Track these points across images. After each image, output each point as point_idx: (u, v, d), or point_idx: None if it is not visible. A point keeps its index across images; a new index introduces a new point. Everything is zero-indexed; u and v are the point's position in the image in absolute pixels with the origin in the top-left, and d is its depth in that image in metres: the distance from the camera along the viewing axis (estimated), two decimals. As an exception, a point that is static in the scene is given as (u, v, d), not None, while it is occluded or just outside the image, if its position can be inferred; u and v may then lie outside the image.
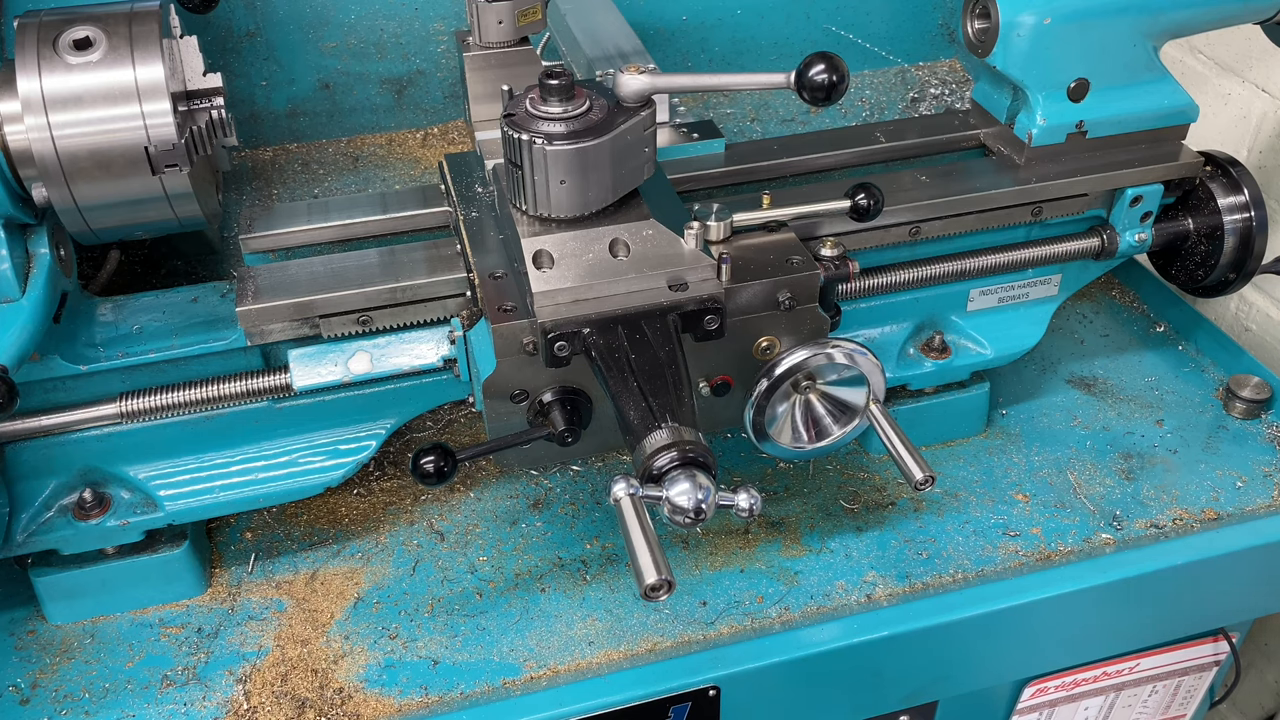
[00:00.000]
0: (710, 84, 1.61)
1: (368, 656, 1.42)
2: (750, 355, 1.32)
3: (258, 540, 1.58)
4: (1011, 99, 1.59)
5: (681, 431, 1.10)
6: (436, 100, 2.14)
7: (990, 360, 1.64)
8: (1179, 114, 1.58)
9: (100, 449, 1.41)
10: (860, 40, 2.24)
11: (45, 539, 1.41)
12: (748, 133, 2.03)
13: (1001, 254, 1.58)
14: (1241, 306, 2.28)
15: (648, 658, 1.41)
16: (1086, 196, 1.57)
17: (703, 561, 1.53)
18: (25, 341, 1.24)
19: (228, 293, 1.44)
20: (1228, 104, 2.20)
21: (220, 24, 1.97)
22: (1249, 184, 1.61)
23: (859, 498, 1.62)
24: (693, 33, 2.18)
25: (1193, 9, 1.52)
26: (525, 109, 1.21)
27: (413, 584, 1.52)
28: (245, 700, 1.37)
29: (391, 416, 1.50)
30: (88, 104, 1.22)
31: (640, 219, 1.25)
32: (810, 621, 1.45)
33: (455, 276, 1.38)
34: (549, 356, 1.20)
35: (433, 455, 1.21)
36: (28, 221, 1.29)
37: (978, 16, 1.52)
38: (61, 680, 1.41)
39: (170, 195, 1.29)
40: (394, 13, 2.04)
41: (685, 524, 1.07)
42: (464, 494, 1.65)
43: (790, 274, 1.29)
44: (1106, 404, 1.78)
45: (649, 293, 1.23)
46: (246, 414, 1.43)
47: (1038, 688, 1.62)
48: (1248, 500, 1.61)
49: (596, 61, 1.69)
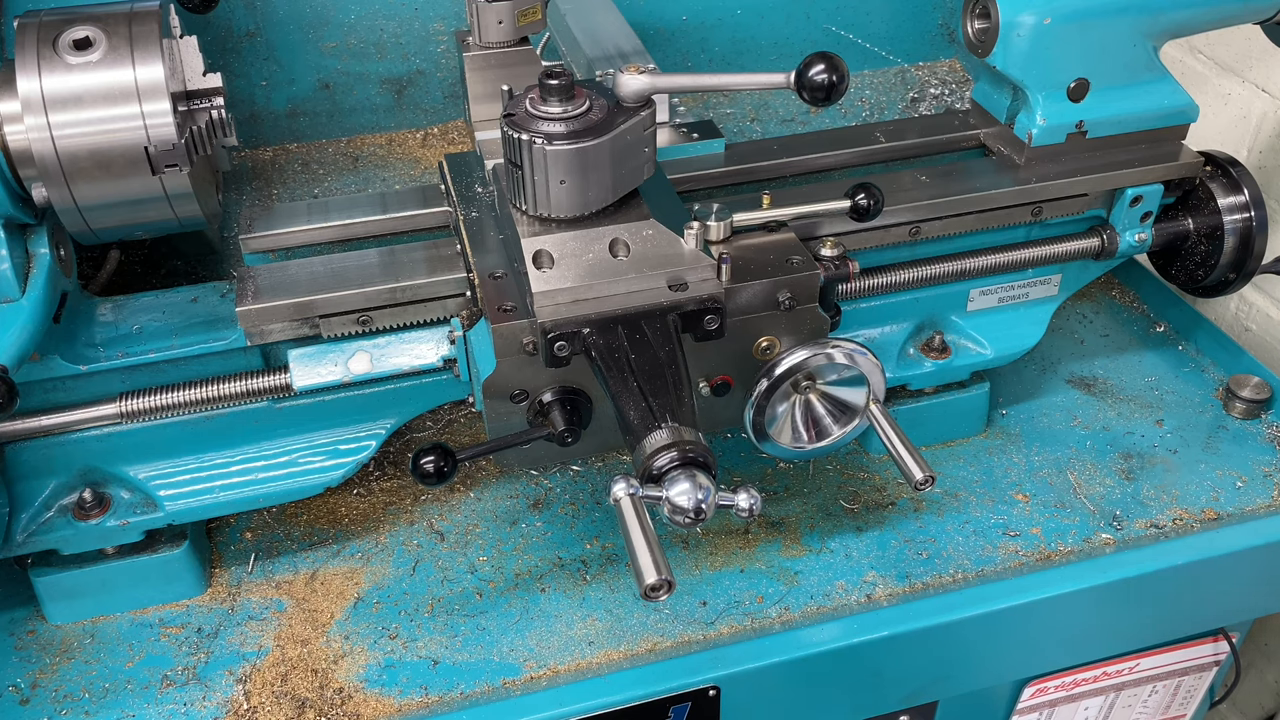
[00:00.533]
0: (710, 84, 1.61)
1: (368, 656, 1.42)
2: (750, 355, 1.32)
3: (258, 540, 1.58)
4: (1011, 99, 1.59)
5: (681, 431, 1.10)
6: (436, 100, 2.14)
7: (990, 360, 1.64)
8: (1179, 114, 1.58)
9: (100, 449, 1.41)
10: (860, 40, 2.24)
11: (45, 539, 1.41)
12: (748, 133, 2.03)
13: (1001, 254, 1.58)
14: (1241, 306, 2.28)
15: (648, 658, 1.41)
16: (1086, 196, 1.57)
17: (703, 561, 1.53)
18: (25, 341, 1.24)
19: (228, 293, 1.44)
20: (1228, 104, 2.20)
21: (220, 24, 1.97)
22: (1249, 184, 1.61)
23: (859, 498, 1.62)
24: (693, 33, 2.18)
25: (1193, 9, 1.52)
26: (525, 109, 1.21)
27: (413, 584, 1.52)
28: (245, 700, 1.37)
29: (391, 416, 1.50)
30: (88, 104, 1.22)
31: (640, 219, 1.25)
32: (810, 621, 1.45)
33: (455, 276, 1.38)
34: (549, 356, 1.20)
35: (433, 455, 1.21)
36: (28, 221, 1.29)
37: (978, 16, 1.52)
38: (61, 680, 1.41)
39: (170, 195, 1.29)
40: (394, 13, 2.04)
41: (685, 524, 1.07)
42: (464, 494, 1.65)
43: (790, 274, 1.29)
44: (1106, 404, 1.78)
45: (649, 293, 1.23)
46: (246, 414, 1.43)
47: (1038, 688, 1.62)
48: (1248, 500, 1.61)
49: (596, 61, 1.69)
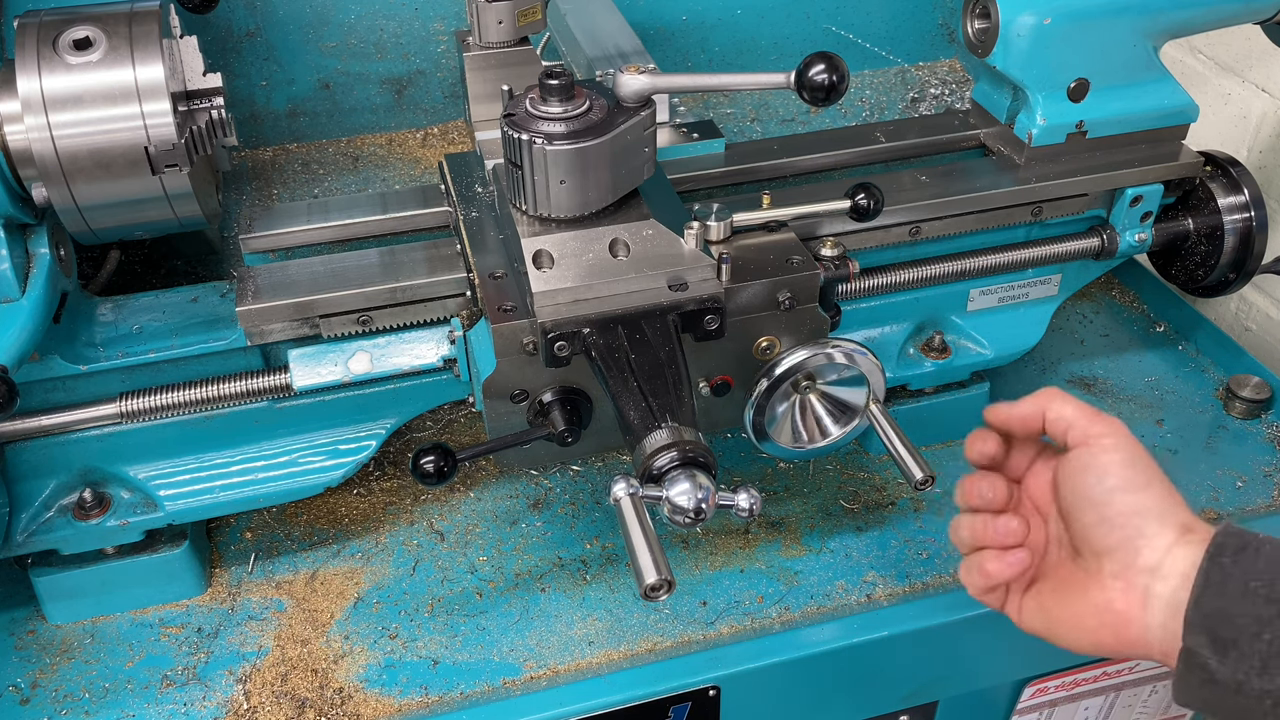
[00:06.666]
0: (710, 84, 1.61)
1: (368, 656, 1.43)
2: (750, 355, 1.32)
3: (258, 540, 1.58)
4: (1011, 99, 1.59)
5: (681, 431, 1.10)
6: (436, 100, 2.14)
7: (990, 360, 1.64)
8: (1179, 114, 1.58)
9: (100, 449, 1.41)
10: (860, 40, 2.24)
11: (45, 539, 1.41)
12: (748, 133, 2.03)
13: (1001, 254, 1.58)
14: (1241, 306, 2.28)
15: (648, 658, 1.41)
16: (1086, 196, 1.57)
17: (703, 561, 1.53)
18: (25, 341, 1.24)
19: (228, 293, 1.44)
20: (1228, 104, 2.20)
21: (220, 24, 1.97)
22: (1249, 184, 1.61)
23: (859, 498, 1.62)
24: (693, 33, 2.18)
25: (1193, 9, 1.52)
26: (525, 109, 1.21)
27: (413, 584, 1.52)
28: (245, 700, 1.37)
29: (391, 416, 1.50)
30: (88, 104, 1.21)
31: (640, 219, 1.25)
32: (810, 621, 1.45)
33: (455, 276, 1.38)
34: (549, 356, 1.20)
35: (433, 455, 1.21)
36: (28, 221, 1.29)
37: (978, 16, 1.52)
38: (61, 680, 1.41)
39: (170, 195, 1.29)
40: (394, 13, 2.04)
41: (685, 524, 1.07)
42: (464, 494, 1.65)
43: (790, 274, 1.29)
44: (1106, 404, 1.78)
45: (649, 293, 1.23)
46: (246, 414, 1.43)
47: (1038, 688, 1.62)
48: (1248, 500, 1.61)
49: (596, 61, 1.69)
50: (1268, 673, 0.92)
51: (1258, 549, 0.97)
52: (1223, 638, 0.94)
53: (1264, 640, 0.92)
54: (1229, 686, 0.94)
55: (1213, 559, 0.98)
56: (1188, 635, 0.97)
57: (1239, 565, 0.96)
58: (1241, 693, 0.93)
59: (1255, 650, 0.93)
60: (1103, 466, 1.05)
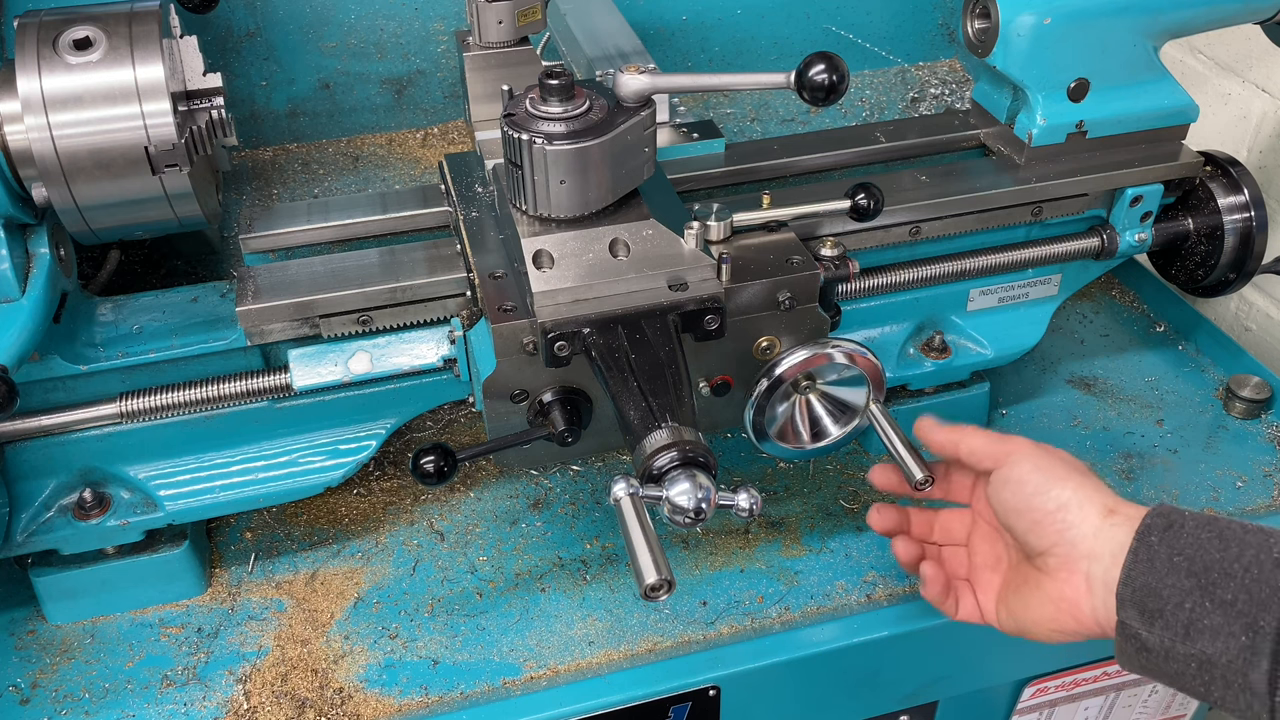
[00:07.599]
0: (710, 84, 1.61)
1: (368, 656, 1.42)
2: (750, 355, 1.32)
3: (258, 540, 1.58)
4: (1011, 99, 1.59)
5: (681, 431, 1.10)
6: (436, 100, 2.14)
7: (990, 360, 1.64)
8: (1179, 114, 1.58)
9: (100, 449, 1.41)
10: (860, 40, 2.24)
11: (45, 539, 1.41)
12: (748, 133, 2.03)
13: (1001, 254, 1.58)
14: (1241, 306, 2.28)
15: (648, 658, 1.41)
16: (1086, 196, 1.57)
17: (703, 561, 1.53)
18: (25, 341, 1.24)
19: (228, 293, 1.44)
20: (1228, 104, 2.20)
21: (220, 24, 1.97)
22: (1249, 184, 1.61)
23: (859, 498, 1.62)
24: (693, 33, 2.18)
25: (1193, 9, 1.52)
26: (525, 109, 1.21)
27: (413, 584, 1.52)
28: (245, 700, 1.37)
29: (391, 416, 1.50)
30: (88, 104, 1.21)
31: (640, 219, 1.25)
32: (810, 621, 1.45)
33: (455, 276, 1.38)
34: (549, 356, 1.20)
35: (433, 455, 1.21)
36: (28, 221, 1.29)
37: (978, 16, 1.52)
38: (61, 680, 1.41)
39: (170, 195, 1.29)
40: (394, 13, 2.04)
41: (685, 524, 1.07)
42: (464, 494, 1.65)
43: (790, 274, 1.29)
44: (1106, 404, 1.78)
45: (649, 293, 1.23)
46: (246, 414, 1.43)
47: (1038, 688, 1.62)
48: (1248, 500, 1.61)
49: (596, 61, 1.69)
50: (1190, 638, 1.00)
51: (1182, 525, 1.05)
52: (1150, 609, 1.03)
53: (1185, 609, 1.01)
54: (1159, 653, 1.03)
55: (1141, 538, 1.06)
56: (1120, 609, 1.06)
57: (1165, 543, 1.05)
58: (1170, 657, 1.02)
59: (1178, 619, 1.01)
60: (1017, 479, 1.16)
